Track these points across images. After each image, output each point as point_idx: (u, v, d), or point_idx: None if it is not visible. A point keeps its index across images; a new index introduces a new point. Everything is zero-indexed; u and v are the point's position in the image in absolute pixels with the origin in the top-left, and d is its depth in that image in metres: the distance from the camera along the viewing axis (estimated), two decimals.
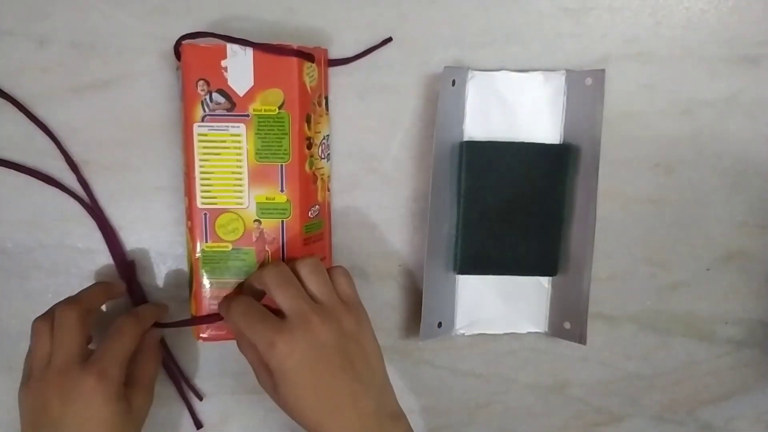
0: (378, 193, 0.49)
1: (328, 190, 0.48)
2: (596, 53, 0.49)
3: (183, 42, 0.43)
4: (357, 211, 0.49)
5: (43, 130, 0.46)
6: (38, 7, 0.46)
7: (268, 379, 0.39)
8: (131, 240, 0.48)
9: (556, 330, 0.50)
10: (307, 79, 0.43)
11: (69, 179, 0.47)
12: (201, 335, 0.45)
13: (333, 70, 0.47)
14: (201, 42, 0.43)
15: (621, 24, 0.49)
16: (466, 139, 0.48)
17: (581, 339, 0.48)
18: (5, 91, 0.46)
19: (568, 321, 0.49)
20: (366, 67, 0.47)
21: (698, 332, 0.53)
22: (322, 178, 0.46)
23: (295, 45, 0.43)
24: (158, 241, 0.48)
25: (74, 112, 0.47)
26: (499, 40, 0.48)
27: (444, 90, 0.45)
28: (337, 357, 0.37)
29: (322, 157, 0.46)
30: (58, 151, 0.47)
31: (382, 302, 0.50)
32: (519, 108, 0.48)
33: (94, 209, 0.47)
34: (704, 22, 0.49)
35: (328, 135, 0.47)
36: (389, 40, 0.47)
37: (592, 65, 0.49)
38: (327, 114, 0.47)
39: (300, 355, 0.37)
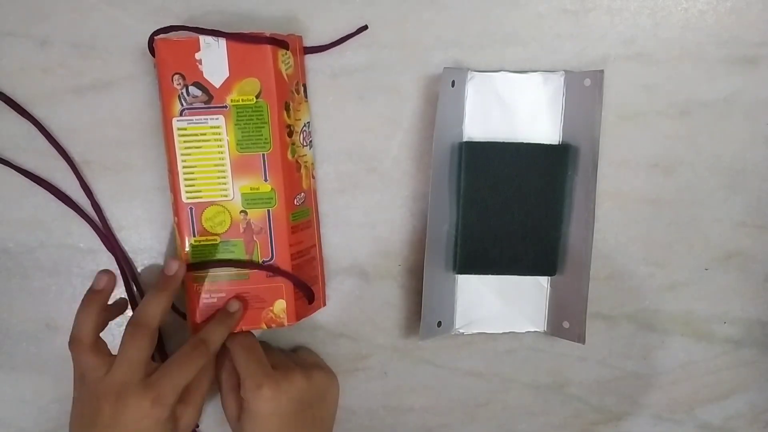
0: (378, 193, 0.49)
1: (313, 178, 0.48)
2: (595, 54, 0.49)
3: (156, 37, 0.42)
4: (357, 211, 0.49)
5: (42, 132, 0.46)
6: (39, 8, 0.46)
7: (235, 407, 0.44)
8: (133, 240, 0.48)
9: (555, 329, 0.50)
10: (283, 67, 0.43)
11: (70, 180, 0.47)
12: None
13: (335, 71, 0.47)
14: (174, 36, 0.43)
15: (620, 25, 0.49)
16: (465, 139, 0.48)
17: (580, 338, 0.48)
18: (6, 93, 0.46)
19: (567, 320, 0.49)
20: (366, 68, 0.48)
21: (696, 332, 0.53)
22: (305, 166, 0.46)
23: (267, 32, 0.42)
24: (160, 241, 0.48)
25: (75, 113, 0.47)
26: (498, 41, 0.48)
27: (443, 91, 0.45)
28: (304, 414, 0.43)
29: (304, 144, 0.46)
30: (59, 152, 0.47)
31: (382, 302, 0.51)
32: (518, 109, 0.48)
33: (95, 212, 0.48)
34: (703, 23, 0.49)
35: (308, 122, 0.47)
36: (365, 27, 0.47)
37: (590, 66, 0.49)
38: (306, 101, 0.47)
39: (276, 404, 0.42)
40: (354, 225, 0.49)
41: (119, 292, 0.49)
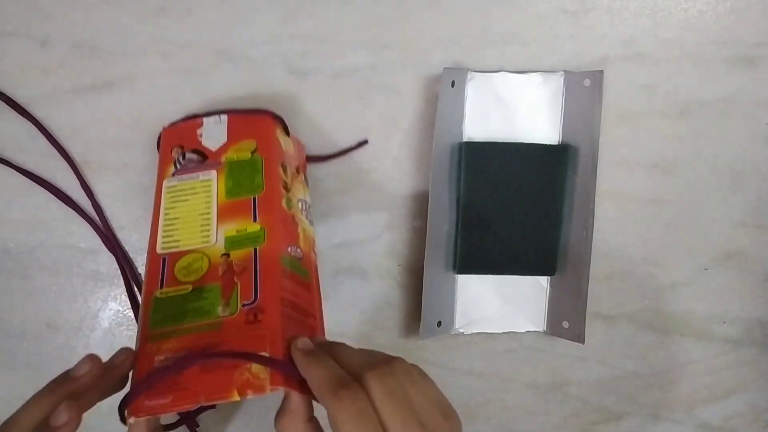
0: (378, 193, 0.49)
1: (315, 253, 0.42)
2: (595, 54, 0.49)
3: (164, 128, 0.43)
4: (357, 211, 0.49)
5: (42, 132, 0.46)
6: (40, 8, 0.46)
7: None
8: (133, 240, 0.48)
9: (554, 329, 0.50)
10: (281, 140, 0.43)
11: (71, 180, 0.47)
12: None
13: (335, 71, 0.47)
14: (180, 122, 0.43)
15: (619, 25, 0.49)
16: (465, 139, 0.48)
17: (579, 338, 0.48)
18: (6, 93, 0.46)
19: (567, 320, 0.49)
20: (366, 68, 0.48)
21: (696, 331, 0.53)
22: (305, 233, 0.41)
23: (271, 111, 0.43)
24: None
25: (76, 113, 0.47)
26: (498, 41, 0.48)
27: (443, 91, 0.45)
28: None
29: (306, 217, 0.42)
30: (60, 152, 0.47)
31: (382, 302, 0.51)
32: (518, 109, 0.48)
33: (95, 212, 0.48)
34: (702, 24, 0.49)
35: (309, 203, 0.44)
36: (365, 142, 0.48)
37: (590, 66, 0.49)
38: (307, 188, 0.45)
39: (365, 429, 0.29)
40: (354, 225, 0.50)
41: (119, 292, 0.49)
